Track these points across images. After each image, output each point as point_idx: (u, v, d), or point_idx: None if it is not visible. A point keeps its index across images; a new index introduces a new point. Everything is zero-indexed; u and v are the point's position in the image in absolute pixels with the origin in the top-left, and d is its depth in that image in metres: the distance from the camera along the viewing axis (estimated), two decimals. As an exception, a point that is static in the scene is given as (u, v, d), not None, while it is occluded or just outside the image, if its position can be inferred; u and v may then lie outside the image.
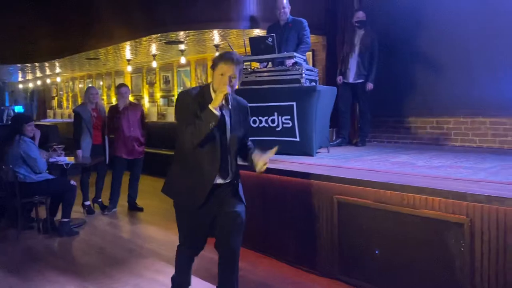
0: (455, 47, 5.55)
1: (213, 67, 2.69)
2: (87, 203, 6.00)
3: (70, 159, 5.53)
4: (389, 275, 3.25)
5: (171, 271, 3.08)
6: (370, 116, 6.00)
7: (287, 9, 5.38)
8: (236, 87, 2.76)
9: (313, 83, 4.92)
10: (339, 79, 5.97)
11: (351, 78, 5.88)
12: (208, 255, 4.16)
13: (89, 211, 5.97)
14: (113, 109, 6.08)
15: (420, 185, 3.10)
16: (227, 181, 2.80)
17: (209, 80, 3.12)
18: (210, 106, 2.55)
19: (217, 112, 2.55)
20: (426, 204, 3.03)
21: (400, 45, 6.01)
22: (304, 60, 5.21)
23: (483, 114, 5.40)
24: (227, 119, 2.73)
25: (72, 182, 5.15)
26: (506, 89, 5.12)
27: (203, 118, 2.55)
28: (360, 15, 5.93)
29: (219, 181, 2.76)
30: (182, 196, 2.81)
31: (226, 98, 2.58)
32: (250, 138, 3.03)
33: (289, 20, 5.39)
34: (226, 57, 2.67)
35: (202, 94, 2.69)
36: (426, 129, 5.97)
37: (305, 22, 5.37)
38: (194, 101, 2.64)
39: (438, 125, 5.83)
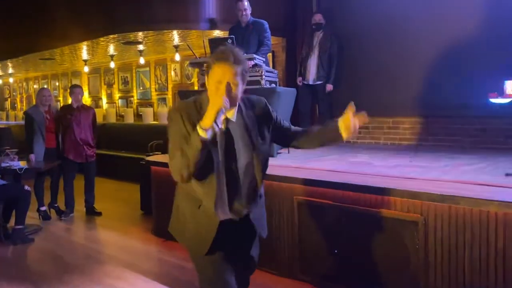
0: (410, 51, 5.70)
1: (208, 70, 2.00)
2: (43, 208, 5.80)
3: (23, 164, 5.32)
4: (349, 273, 3.32)
5: (131, 276, 3.02)
6: (329, 117, 6.10)
7: (248, 11, 5.38)
8: (240, 96, 2.05)
9: (273, 85, 4.95)
10: (299, 80, 6.04)
11: (311, 80, 5.97)
12: (171, 259, 4.15)
13: (45, 216, 5.76)
14: (65, 108, 5.97)
15: (377, 185, 3.18)
16: (245, 215, 2.15)
17: (169, 80, 2.94)
18: (199, 127, 1.89)
19: (206, 135, 1.87)
20: (383, 203, 3.12)
21: (359, 46, 6.13)
22: (264, 62, 5.23)
23: (436, 114, 5.59)
24: (237, 133, 2.07)
25: (26, 187, 4.96)
26: (458, 92, 5.32)
27: (189, 142, 1.92)
28: (318, 17, 6.02)
29: (233, 216, 2.11)
30: (188, 239, 2.21)
31: (218, 114, 1.89)
32: None
33: (250, 21, 5.40)
34: (221, 56, 1.96)
35: (199, 106, 2.02)
36: (383, 129, 6.12)
37: (266, 24, 5.39)
38: (187, 117, 1.99)
39: (394, 125, 6.00)
